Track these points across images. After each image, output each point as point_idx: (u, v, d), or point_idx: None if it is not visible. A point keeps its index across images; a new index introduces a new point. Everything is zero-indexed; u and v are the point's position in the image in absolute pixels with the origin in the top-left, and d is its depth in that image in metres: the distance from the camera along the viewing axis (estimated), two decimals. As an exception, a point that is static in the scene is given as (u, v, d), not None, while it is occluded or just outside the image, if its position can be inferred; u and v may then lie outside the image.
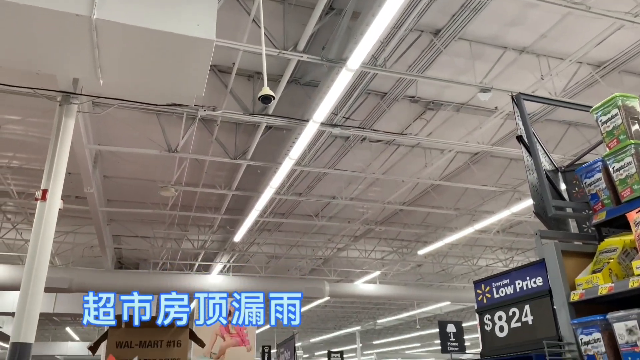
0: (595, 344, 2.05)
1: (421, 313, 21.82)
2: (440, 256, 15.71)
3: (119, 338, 4.60)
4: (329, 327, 29.10)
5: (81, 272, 12.67)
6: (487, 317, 2.61)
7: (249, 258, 15.51)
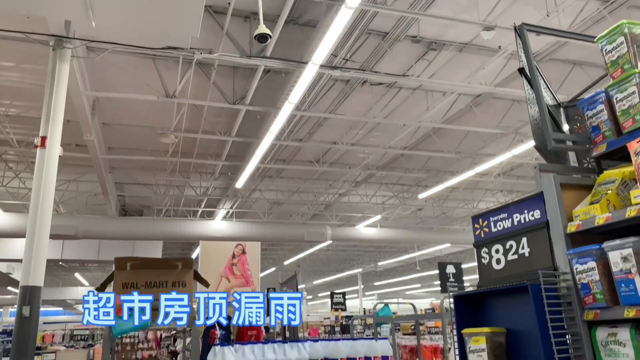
0: (589, 272, 2.08)
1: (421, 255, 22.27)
2: (441, 200, 15.84)
3: (124, 279, 4.71)
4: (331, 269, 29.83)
5: (86, 219, 12.85)
6: (485, 251, 2.65)
7: (251, 204, 15.67)
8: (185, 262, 4.88)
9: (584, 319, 2.12)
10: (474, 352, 2.39)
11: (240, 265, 7.34)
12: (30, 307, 6.01)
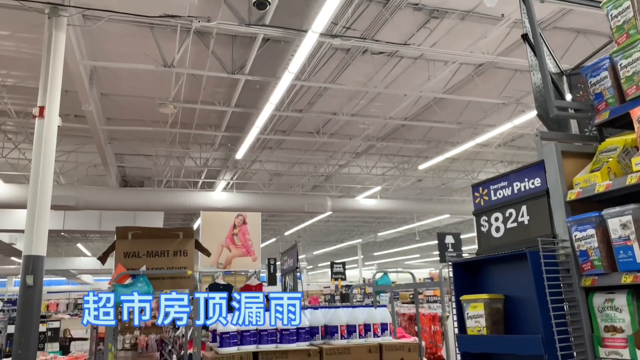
0: (588, 239, 2.10)
1: (421, 226, 22.42)
2: (441, 171, 15.84)
3: (126, 249, 4.74)
4: (331, 240, 30.08)
5: (87, 190, 12.88)
6: (484, 219, 2.66)
7: (251, 175, 15.68)
8: (187, 232, 4.91)
9: (581, 285, 2.14)
10: (472, 317, 2.42)
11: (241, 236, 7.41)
12: (33, 276, 6.09)
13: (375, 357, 4.15)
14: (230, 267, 7.15)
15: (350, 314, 4.40)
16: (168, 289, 4.70)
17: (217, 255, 7.16)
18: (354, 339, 4.28)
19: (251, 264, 7.32)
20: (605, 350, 2.04)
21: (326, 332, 4.34)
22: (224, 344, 4.03)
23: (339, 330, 4.32)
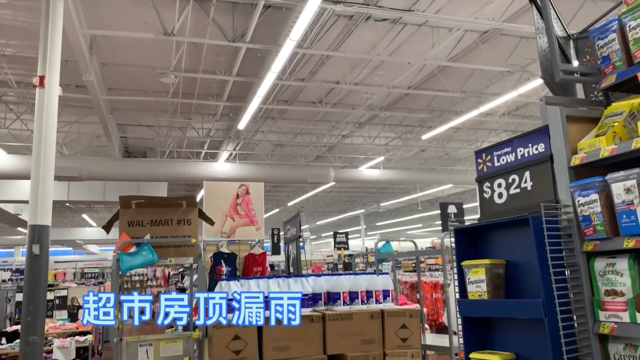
0: (591, 204, 2.09)
1: (423, 196, 22.45)
2: (444, 140, 15.76)
3: (130, 217, 4.77)
4: (334, 210, 30.22)
5: (90, 161, 12.89)
6: (487, 185, 2.65)
7: (254, 146, 15.64)
8: (190, 201, 4.92)
9: (583, 250, 2.15)
10: (473, 283, 2.44)
11: (245, 205, 7.42)
12: (39, 245, 6.16)
13: (377, 322, 4.22)
14: (234, 236, 7.20)
15: (352, 281, 4.45)
16: (172, 257, 4.76)
17: (221, 225, 7.20)
18: (356, 306, 4.34)
19: (255, 233, 7.36)
20: (605, 313, 2.06)
21: (329, 298, 4.41)
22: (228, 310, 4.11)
23: (342, 296, 4.38)
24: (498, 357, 2.34)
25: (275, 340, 3.94)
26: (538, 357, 2.31)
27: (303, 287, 4.31)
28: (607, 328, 2.02)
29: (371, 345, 4.15)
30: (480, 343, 2.56)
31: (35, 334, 5.94)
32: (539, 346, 2.29)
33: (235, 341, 3.86)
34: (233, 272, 7.05)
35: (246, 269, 7.20)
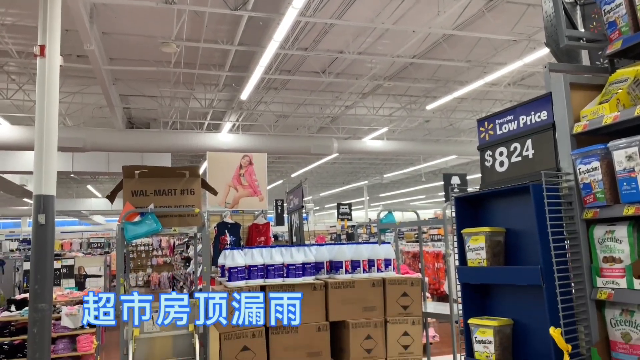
0: (592, 172, 2.09)
1: (427, 167, 22.42)
2: (449, 111, 15.63)
3: (133, 187, 4.80)
4: (337, 182, 30.28)
5: (93, 131, 12.89)
6: (488, 154, 2.65)
7: (257, 117, 15.57)
8: (193, 171, 4.94)
9: (583, 217, 2.16)
10: (472, 250, 2.46)
11: (248, 176, 7.45)
12: (45, 214, 6.23)
13: (378, 290, 4.27)
14: (237, 206, 7.25)
15: (354, 250, 4.49)
16: (176, 226, 4.81)
17: (225, 195, 7.24)
18: (358, 274, 4.39)
19: (258, 203, 7.41)
20: (603, 280, 2.08)
21: (331, 267, 4.46)
22: (232, 278, 4.16)
23: (344, 265, 4.43)
24: (496, 323, 2.38)
25: (278, 307, 4.01)
26: (535, 323, 2.34)
27: (305, 256, 4.35)
28: (604, 294, 2.05)
29: (372, 312, 4.21)
30: (478, 309, 2.60)
31: (44, 302, 6.07)
32: (536, 312, 2.32)
33: (239, 308, 3.92)
34: (237, 241, 7.14)
35: (250, 239, 7.28)
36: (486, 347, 2.37)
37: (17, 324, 6.61)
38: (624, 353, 2.03)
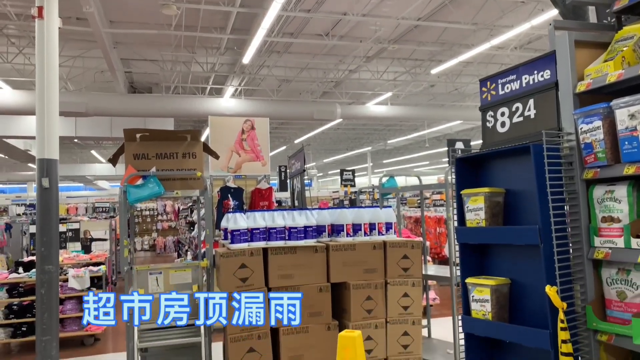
0: (594, 131, 2.06)
1: (431, 133, 22.28)
2: (454, 75, 15.41)
3: (135, 150, 4.80)
4: (341, 148, 30.20)
5: (95, 96, 12.81)
6: (490, 114, 2.62)
7: (259, 82, 15.41)
8: (194, 134, 4.93)
9: (583, 177, 2.15)
10: (471, 211, 2.46)
11: (250, 141, 7.43)
12: (49, 178, 6.26)
13: (379, 253, 4.32)
14: (240, 171, 7.26)
15: (356, 214, 4.52)
16: (178, 189, 4.83)
17: (227, 160, 7.24)
18: (359, 237, 4.43)
19: (261, 168, 7.42)
20: (600, 239, 2.09)
21: (333, 230, 4.49)
22: (234, 240, 4.21)
23: (345, 228, 4.46)
24: (493, 282, 2.40)
25: (281, 268, 4.08)
26: (532, 282, 2.37)
27: (307, 219, 4.38)
28: (602, 253, 2.06)
29: (373, 274, 4.27)
30: (476, 269, 2.63)
31: (51, 264, 6.17)
32: (533, 272, 2.35)
33: (242, 269, 3.99)
34: (240, 206, 7.18)
35: (253, 204, 7.31)
36: (483, 306, 2.40)
37: (26, 286, 6.75)
38: (618, 311, 2.06)
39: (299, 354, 3.96)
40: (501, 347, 2.60)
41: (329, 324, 4.09)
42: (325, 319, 4.09)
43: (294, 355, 3.93)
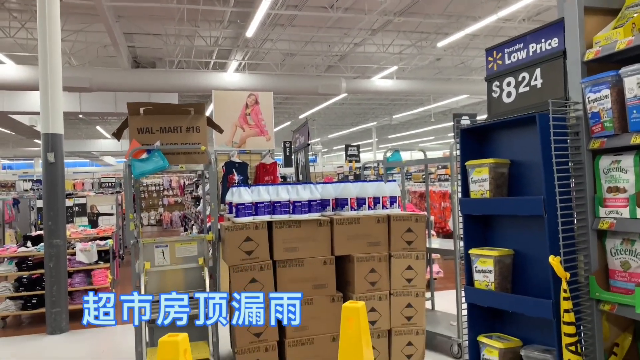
0: (602, 100, 2.03)
1: (437, 107, 22.08)
2: (461, 49, 15.18)
3: (139, 124, 4.78)
4: (346, 123, 30.04)
5: (99, 71, 12.75)
6: (496, 84, 2.58)
7: (263, 56, 15.25)
8: (198, 108, 4.89)
9: (589, 147, 2.12)
10: (475, 182, 2.45)
11: (254, 115, 7.39)
12: (54, 153, 6.28)
13: (383, 226, 4.33)
14: (244, 146, 7.25)
15: (360, 188, 4.51)
16: (183, 163, 4.83)
17: (231, 135, 7.22)
18: (363, 211, 4.43)
19: (265, 143, 7.40)
20: (606, 210, 2.08)
21: (337, 204, 4.50)
22: (239, 214, 4.23)
23: (349, 202, 4.47)
24: (496, 253, 2.40)
25: (285, 241, 4.10)
26: (536, 253, 2.37)
27: (311, 194, 4.38)
28: (606, 224, 2.05)
29: (377, 247, 4.29)
30: (480, 241, 2.63)
31: (58, 238, 6.24)
32: (537, 243, 2.34)
33: (247, 242, 4.01)
34: (245, 180, 7.19)
35: (257, 178, 7.32)
36: (486, 276, 2.41)
37: (34, 259, 6.84)
38: (622, 281, 2.06)
39: (304, 325, 4.01)
40: (503, 318, 2.62)
41: (333, 296, 4.14)
42: (330, 291, 4.13)
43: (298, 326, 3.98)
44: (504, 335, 2.52)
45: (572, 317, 2.03)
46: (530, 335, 2.45)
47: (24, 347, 5.73)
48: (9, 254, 6.81)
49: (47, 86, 6.32)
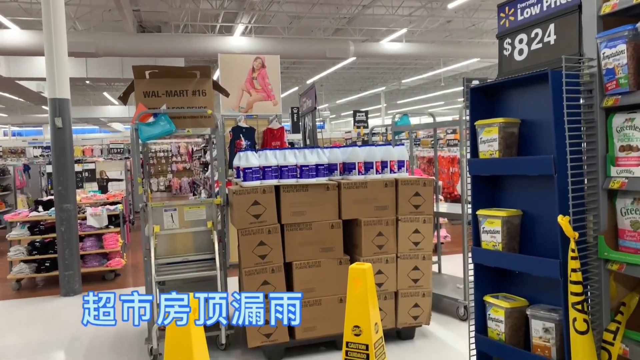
0: (617, 56, 1.96)
1: (447, 72, 21.71)
2: (472, 10, 14.79)
3: (145, 88, 4.75)
4: (354, 88, 29.70)
5: (104, 36, 12.60)
6: (507, 42, 2.50)
7: (270, 19, 14.97)
8: (204, 71, 4.84)
9: (602, 105, 2.07)
10: (485, 142, 2.41)
11: (261, 79, 7.32)
12: (61, 118, 6.28)
13: (391, 191, 4.32)
14: (251, 111, 7.21)
15: (367, 152, 4.48)
16: (190, 127, 4.81)
17: (238, 99, 7.17)
18: (371, 175, 4.41)
19: (272, 108, 7.34)
20: (617, 169, 2.04)
21: (344, 168, 4.48)
22: (247, 178, 4.23)
23: (357, 166, 4.44)
24: (504, 213, 2.39)
25: (293, 205, 4.11)
26: (545, 214, 2.35)
27: (319, 158, 4.36)
28: (617, 183, 2.02)
29: (385, 211, 4.29)
30: (488, 201, 2.61)
31: (68, 202, 6.31)
32: (546, 203, 2.32)
33: (254, 206, 4.03)
34: (252, 145, 7.17)
35: (265, 143, 7.30)
36: (493, 237, 2.40)
37: (46, 224, 6.94)
38: (631, 240, 2.04)
39: (311, 286, 4.06)
40: (509, 279, 2.62)
41: (341, 259, 4.17)
42: (337, 254, 4.15)
43: (306, 287, 4.03)
44: (510, 295, 2.53)
45: (579, 277, 2.02)
46: (537, 296, 2.45)
47: (39, 307, 5.88)
48: (21, 218, 6.91)
49: (52, 50, 6.27)
